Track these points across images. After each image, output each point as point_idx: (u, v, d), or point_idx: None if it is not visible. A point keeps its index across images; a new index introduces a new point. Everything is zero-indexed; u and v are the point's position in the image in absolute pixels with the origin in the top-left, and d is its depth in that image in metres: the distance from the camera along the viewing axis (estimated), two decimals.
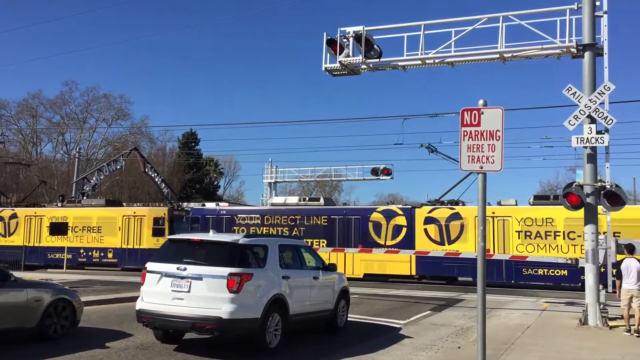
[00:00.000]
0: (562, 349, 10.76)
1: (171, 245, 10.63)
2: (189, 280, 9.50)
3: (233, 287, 9.28)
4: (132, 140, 62.15)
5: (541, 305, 18.81)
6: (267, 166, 40.08)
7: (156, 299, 9.74)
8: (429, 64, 16.75)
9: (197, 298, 9.40)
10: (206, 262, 9.68)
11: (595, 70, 14.52)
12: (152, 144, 65.14)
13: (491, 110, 7.69)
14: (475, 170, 7.67)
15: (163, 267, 9.83)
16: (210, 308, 9.26)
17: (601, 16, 14.46)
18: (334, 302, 12.27)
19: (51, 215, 33.16)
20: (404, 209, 27.25)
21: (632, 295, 12.73)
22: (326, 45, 17.16)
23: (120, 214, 31.89)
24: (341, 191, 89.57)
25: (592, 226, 14.14)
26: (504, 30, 15.48)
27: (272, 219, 29.23)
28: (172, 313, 9.48)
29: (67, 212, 33.00)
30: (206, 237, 10.39)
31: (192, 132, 64.89)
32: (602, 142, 14.02)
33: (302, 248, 12.06)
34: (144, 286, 10.07)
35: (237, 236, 10.37)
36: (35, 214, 33.60)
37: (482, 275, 7.44)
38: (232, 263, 9.55)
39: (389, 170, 37.43)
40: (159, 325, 10.00)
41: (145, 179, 47.85)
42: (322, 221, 28.66)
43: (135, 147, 45.15)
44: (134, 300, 10.48)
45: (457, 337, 12.20)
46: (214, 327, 9.30)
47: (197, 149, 66.90)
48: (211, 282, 9.41)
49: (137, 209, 32.78)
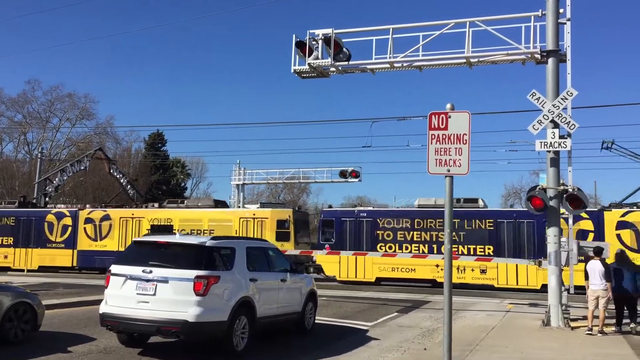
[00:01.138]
0: (526, 350, 10.94)
1: (136, 247, 10.45)
2: (155, 283, 9.35)
3: (200, 290, 9.18)
4: (96, 140, 61.09)
5: (505, 307, 19.13)
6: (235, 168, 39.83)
7: (120, 302, 9.57)
8: (397, 67, 16.88)
9: (162, 301, 9.26)
10: (172, 265, 9.55)
11: (559, 76, 14.85)
12: (118, 144, 64.19)
13: (458, 114, 7.77)
14: (443, 174, 7.74)
15: (128, 270, 9.66)
16: (176, 311, 9.14)
17: (564, 23, 14.78)
18: (301, 305, 12.24)
19: (152, 217, 30.80)
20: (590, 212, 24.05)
21: (598, 295, 13.14)
22: (295, 47, 17.14)
23: (237, 216, 29.82)
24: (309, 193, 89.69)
25: (555, 229, 14.43)
26: (471, 35, 15.70)
27: (424, 222, 26.45)
28: (137, 316, 9.32)
29: (172, 214, 30.72)
30: (172, 239, 10.28)
31: (158, 133, 64.06)
32: (564, 146, 14.32)
33: (270, 250, 12.01)
34: (108, 289, 9.88)
35: (204, 238, 10.27)
36: (132, 215, 31.28)
37: (449, 277, 7.52)
38: (199, 266, 9.45)
39: (357, 173, 37.57)
40: (123, 329, 9.82)
41: (110, 180, 47.05)
42: (486, 225, 25.91)
43: (100, 148, 44.45)
44: (98, 304, 10.29)
45: (423, 339, 12.30)
46: (179, 331, 9.18)
47: (163, 150, 66.07)
48: (177, 285, 9.29)
49: (257, 210, 30.48)
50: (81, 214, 32.13)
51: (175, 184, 68.41)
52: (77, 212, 32.32)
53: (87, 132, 63.78)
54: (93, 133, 63.72)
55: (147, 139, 64.73)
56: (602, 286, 13.15)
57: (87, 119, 63.68)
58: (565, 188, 14.35)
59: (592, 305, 13.27)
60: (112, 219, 31.36)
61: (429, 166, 7.78)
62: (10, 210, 33.79)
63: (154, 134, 63.96)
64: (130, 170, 58.07)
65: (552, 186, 14.54)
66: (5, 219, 33.17)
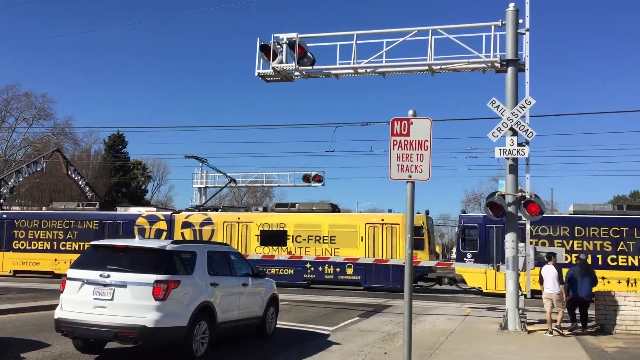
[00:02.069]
0: (484, 354, 11.12)
1: (94, 251, 10.22)
2: (113, 287, 9.17)
3: (159, 295, 9.04)
4: (54, 141, 59.46)
5: (465, 311, 19.42)
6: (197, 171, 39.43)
7: (77, 307, 9.34)
8: (361, 73, 16.99)
9: (120, 306, 9.08)
10: (131, 269, 9.36)
11: (518, 85, 15.19)
12: (76, 145, 62.53)
13: (420, 120, 7.88)
14: (404, 179, 7.82)
15: (85, 274, 9.44)
16: (134, 316, 8.97)
17: (523, 33, 15.13)
18: (263, 309, 12.18)
19: (262, 222, 28.41)
20: None
21: (552, 299, 13.82)
22: (260, 50, 17.09)
23: (363, 221, 27.45)
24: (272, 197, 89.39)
25: (512, 234, 14.71)
26: (433, 43, 15.92)
27: (586, 231, 24.47)
28: (94, 322, 9.11)
29: (284, 218, 28.21)
30: (132, 243, 10.09)
31: (119, 134, 62.93)
32: (522, 153, 14.64)
33: (231, 254, 11.91)
34: (63, 294, 9.64)
35: (165, 242, 10.12)
36: (238, 219, 28.88)
37: (409, 282, 7.59)
38: (158, 270, 9.30)
39: (320, 177, 37.70)
40: (79, 335, 9.59)
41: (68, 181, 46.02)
42: None
43: (57, 149, 43.41)
44: (53, 309, 10.01)
45: (384, 343, 12.38)
46: (137, 336, 9.01)
47: (124, 151, 64.94)
48: (136, 289, 9.12)
49: (385, 215, 28.45)
50: (177, 217, 29.72)
51: (135, 186, 67.30)
52: (172, 216, 29.96)
53: (45, 132, 62.07)
54: (51, 134, 62.06)
55: (107, 140, 63.54)
56: (556, 290, 13.86)
57: (45, 119, 61.87)
58: (523, 194, 14.67)
59: (548, 307, 13.84)
60: (214, 224, 29.00)
61: (391, 172, 7.86)
62: (93, 213, 30.98)
63: (114, 135, 62.84)
64: (89, 172, 56.84)
65: (511, 192, 14.84)
66: (87, 222, 30.46)
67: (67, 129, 61.66)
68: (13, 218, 31.59)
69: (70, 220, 30.71)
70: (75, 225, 30.56)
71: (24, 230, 31.03)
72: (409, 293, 7.56)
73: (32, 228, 30.96)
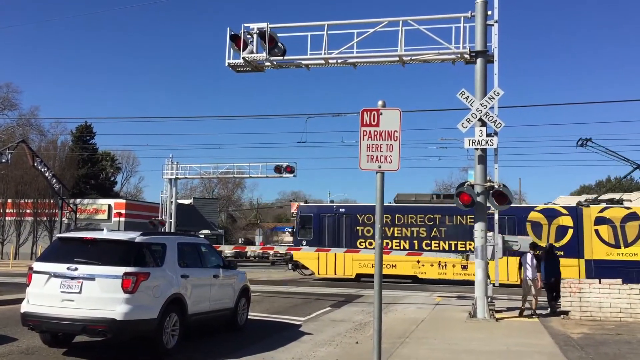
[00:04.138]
0: (453, 341, 11.28)
1: (61, 243, 10.05)
2: (81, 280, 9.03)
3: (128, 287, 8.93)
4: (19, 132, 58.20)
5: (434, 300, 19.67)
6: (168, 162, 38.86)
7: (43, 300, 9.18)
8: (332, 63, 16.97)
9: (89, 299, 8.95)
10: (100, 262, 9.23)
11: (487, 76, 15.37)
12: (43, 136, 61.23)
13: (390, 111, 7.90)
14: (374, 169, 7.85)
15: (51, 267, 9.27)
16: (103, 309, 8.86)
17: (492, 25, 15.30)
18: (234, 301, 12.14)
19: None
20: None
21: (530, 284, 15.44)
22: (230, 40, 16.93)
23: None
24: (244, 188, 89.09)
25: (481, 224, 14.93)
26: (404, 34, 15.99)
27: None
28: (61, 315, 8.97)
29: None
30: (99, 235, 9.93)
31: (87, 125, 61.85)
32: (491, 144, 14.84)
33: (202, 246, 11.84)
34: (29, 287, 9.46)
35: (133, 234, 9.99)
36: None
37: (379, 271, 7.65)
38: (127, 262, 9.18)
39: (292, 168, 37.53)
40: (47, 329, 9.44)
41: (34, 173, 45.03)
42: None
43: (23, 140, 42.43)
44: (19, 303, 9.83)
45: (355, 332, 12.47)
46: (106, 329, 8.90)
47: (92, 143, 63.88)
48: (104, 282, 9.00)
49: None
50: (586, 212, 25.95)
51: (104, 178, 66.35)
52: (579, 209, 26.19)
53: (10, 123, 60.68)
54: (16, 124, 60.70)
55: (74, 131, 62.38)
56: (533, 276, 15.40)
57: (10, 109, 60.54)
58: (491, 184, 14.88)
59: (526, 292, 15.46)
60: None
61: (361, 162, 7.87)
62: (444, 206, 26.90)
63: (82, 126, 61.76)
64: (55, 163, 55.62)
65: (479, 182, 15.04)
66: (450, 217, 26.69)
67: (33, 120, 60.41)
68: (355, 213, 28.33)
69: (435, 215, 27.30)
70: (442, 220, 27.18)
71: (370, 227, 27.50)
72: (379, 282, 7.62)
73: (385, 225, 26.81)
